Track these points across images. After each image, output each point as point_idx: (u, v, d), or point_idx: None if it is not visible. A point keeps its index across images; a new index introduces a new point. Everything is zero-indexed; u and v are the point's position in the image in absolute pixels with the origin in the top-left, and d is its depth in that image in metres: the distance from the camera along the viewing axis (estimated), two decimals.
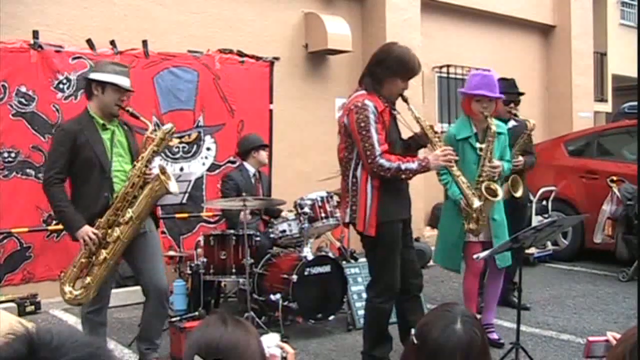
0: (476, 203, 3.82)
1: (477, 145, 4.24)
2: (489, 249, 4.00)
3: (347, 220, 3.76)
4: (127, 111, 3.82)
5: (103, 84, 3.73)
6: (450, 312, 1.59)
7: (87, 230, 3.63)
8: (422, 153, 4.01)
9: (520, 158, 5.06)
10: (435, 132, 3.79)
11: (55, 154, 3.73)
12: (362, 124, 3.54)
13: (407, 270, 3.83)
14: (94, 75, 3.79)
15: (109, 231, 3.67)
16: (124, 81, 3.77)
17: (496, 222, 4.28)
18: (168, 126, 3.87)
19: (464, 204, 4.05)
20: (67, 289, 3.70)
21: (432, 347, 1.54)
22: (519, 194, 5.05)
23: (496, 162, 4.18)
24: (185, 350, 1.43)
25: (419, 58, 3.80)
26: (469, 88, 4.31)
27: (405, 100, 3.77)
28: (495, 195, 4.07)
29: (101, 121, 3.77)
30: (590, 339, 1.84)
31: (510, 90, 5.23)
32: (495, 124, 4.21)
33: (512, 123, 5.21)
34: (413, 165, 3.58)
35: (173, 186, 3.79)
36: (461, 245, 4.29)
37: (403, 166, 3.55)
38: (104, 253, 3.66)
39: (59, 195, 3.68)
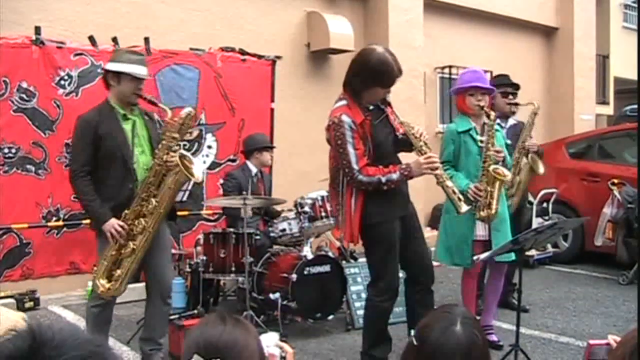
0: (464, 208, 3.75)
1: (478, 137, 4.24)
2: (490, 248, 3.99)
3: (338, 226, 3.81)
4: (145, 98, 3.80)
5: (118, 74, 3.71)
6: (450, 314, 1.59)
7: (113, 223, 3.63)
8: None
9: (534, 140, 5.07)
10: (418, 137, 3.63)
11: (78, 146, 3.72)
12: (339, 142, 3.54)
13: (414, 262, 3.83)
14: (109, 66, 3.77)
15: (136, 222, 3.67)
16: (139, 69, 3.74)
17: (499, 216, 4.20)
18: (186, 110, 3.84)
19: (472, 192, 4.02)
20: (101, 282, 3.72)
21: (431, 348, 1.54)
22: (541, 170, 5.16)
23: (499, 147, 4.18)
24: (184, 349, 1.42)
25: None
26: (461, 84, 4.35)
27: (388, 104, 3.74)
28: (503, 175, 4.06)
29: (122, 111, 3.76)
30: (592, 342, 1.84)
31: (504, 82, 5.28)
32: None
33: (511, 122, 5.24)
34: (394, 175, 3.55)
35: (197, 171, 3.76)
36: (471, 238, 4.20)
37: (384, 179, 3.54)
38: (131, 245, 3.68)
39: (84, 188, 3.68)
